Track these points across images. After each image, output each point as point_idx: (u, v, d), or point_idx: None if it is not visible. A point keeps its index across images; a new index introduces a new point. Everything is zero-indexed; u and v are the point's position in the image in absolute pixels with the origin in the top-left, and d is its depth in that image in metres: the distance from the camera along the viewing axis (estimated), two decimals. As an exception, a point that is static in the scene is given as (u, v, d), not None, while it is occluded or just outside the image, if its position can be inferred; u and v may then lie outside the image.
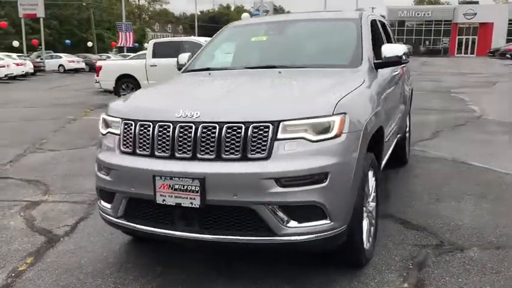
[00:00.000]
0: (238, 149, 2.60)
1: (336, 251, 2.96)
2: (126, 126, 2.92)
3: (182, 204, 2.65)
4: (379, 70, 3.77)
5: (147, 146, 2.79)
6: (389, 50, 3.70)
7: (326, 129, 2.63)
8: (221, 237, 2.67)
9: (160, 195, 2.69)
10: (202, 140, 2.65)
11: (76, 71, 35.50)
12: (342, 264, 3.10)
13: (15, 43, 40.07)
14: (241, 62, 4.09)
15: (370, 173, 3.14)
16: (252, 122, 2.60)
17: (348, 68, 3.51)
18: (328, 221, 2.64)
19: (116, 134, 2.98)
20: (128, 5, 68.77)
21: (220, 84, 3.43)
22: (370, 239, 3.23)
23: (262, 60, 4.01)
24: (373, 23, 4.42)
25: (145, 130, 2.81)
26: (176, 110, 2.74)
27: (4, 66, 24.63)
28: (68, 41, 52.30)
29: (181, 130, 2.70)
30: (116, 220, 2.99)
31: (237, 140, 2.60)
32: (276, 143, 2.57)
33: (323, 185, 2.58)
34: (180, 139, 2.70)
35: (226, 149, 2.61)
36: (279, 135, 2.58)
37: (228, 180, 2.57)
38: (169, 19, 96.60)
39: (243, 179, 2.55)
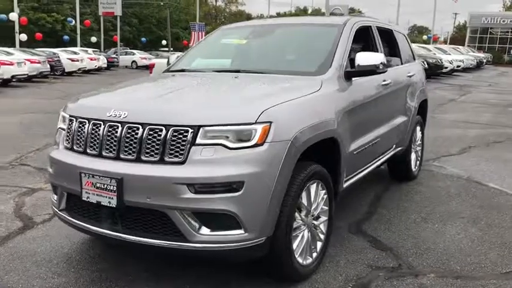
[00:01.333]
0: (157, 151, 2.60)
1: (265, 263, 2.88)
2: (69, 123, 3.02)
3: (102, 203, 2.70)
4: (354, 79, 3.60)
5: (82, 143, 2.88)
6: (364, 58, 3.52)
7: (246, 137, 2.57)
8: (139, 239, 2.68)
9: (85, 192, 2.75)
10: (126, 140, 2.69)
11: (147, 67, 37.06)
12: (275, 277, 3.00)
13: (93, 39, 42.59)
14: (214, 64, 4.08)
15: (314, 186, 3.01)
16: (173, 126, 2.59)
17: (312, 75, 3.38)
18: (242, 232, 2.57)
19: (63, 130, 3.09)
20: (205, 6, 70.82)
21: (168, 86, 3.43)
22: (314, 254, 3.10)
23: (232, 64, 3.98)
24: (364, 31, 4.23)
25: (81, 127, 2.90)
26: (108, 109, 2.79)
27: (78, 61, 26.23)
28: (143, 39, 54.74)
29: (109, 129, 2.75)
30: (59, 213, 3.10)
31: (157, 142, 2.61)
32: (193, 148, 2.55)
33: (237, 194, 2.52)
34: (108, 138, 2.75)
35: (147, 150, 2.63)
36: (198, 141, 2.55)
37: (142, 183, 2.58)
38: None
39: (156, 182, 2.55)
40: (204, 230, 2.58)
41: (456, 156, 6.76)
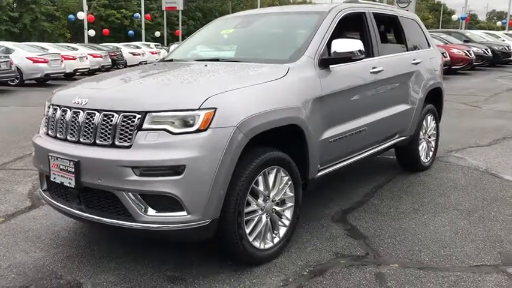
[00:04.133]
0: (109, 136, 2.77)
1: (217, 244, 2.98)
2: (48, 109, 3.27)
3: (64, 183, 2.92)
4: (333, 66, 3.58)
5: (53, 128, 3.12)
6: (340, 45, 3.49)
7: (190, 123, 2.67)
8: (98, 218, 2.88)
9: (53, 173, 2.99)
10: (85, 125, 2.88)
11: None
12: (230, 259, 3.09)
13: (157, 33, 44.16)
14: (198, 54, 4.19)
15: (273, 172, 3.06)
16: (122, 111, 2.75)
17: (282, 63, 3.40)
18: (185, 213, 2.69)
19: (45, 116, 3.35)
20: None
21: (136, 75, 3.58)
22: (276, 239, 3.16)
23: (213, 53, 4.07)
24: (355, 18, 4.16)
25: (54, 113, 3.14)
26: (74, 97, 3.01)
27: (139, 55, 27.36)
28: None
29: (74, 115, 2.96)
30: (42, 193, 3.37)
31: (109, 127, 2.78)
32: (139, 133, 2.69)
33: (178, 177, 2.63)
34: (72, 123, 2.96)
35: (101, 135, 2.81)
36: (145, 126, 2.70)
37: (95, 165, 2.77)
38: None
39: (105, 164, 2.73)
40: (150, 211, 2.72)
41: (484, 148, 6.42)
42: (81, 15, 31.70)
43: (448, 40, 19.88)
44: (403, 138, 4.79)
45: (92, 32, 32.27)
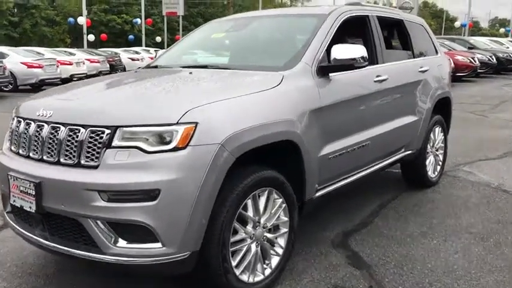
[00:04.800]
0: (74, 154, 2.41)
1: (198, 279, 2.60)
2: (12, 122, 2.91)
3: (24, 207, 2.55)
4: (333, 75, 3.21)
5: (16, 143, 2.75)
6: (340, 51, 3.12)
7: (166, 139, 2.31)
8: (61, 248, 2.50)
9: (13, 195, 2.62)
10: (49, 141, 2.51)
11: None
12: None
13: (158, 39, 43.91)
14: (186, 59, 3.82)
15: (264, 194, 2.69)
16: (90, 126, 2.39)
17: (276, 70, 3.04)
18: (160, 245, 2.31)
19: (9, 129, 2.98)
20: (268, 3, 70.85)
21: (116, 83, 3.21)
22: (267, 270, 2.78)
23: (202, 59, 3.71)
24: (358, 21, 3.81)
25: (18, 126, 2.77)
26: (38, 108, 2.64)
27: (138, 60, 27.09)
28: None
29: (37, 129, 2.60)
30: (6, 215, 2.99)
31: (75, 143, 2.41)
32: (108, 151, 2.33)
33: (152, 203, 2.26)
34: (35, 138, 2.60)
35: (66, 153, 2.44)
36: (114, 143, 2.33)
37: (57, 188, 2.41)
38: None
39: (68, 187, 2.36)
40: (121, 242, 2.35)
41: (494, 161, 6.04)
42: (81, 20, 31.45)
43: (452, 47, 19.53)
44: (410, 152, 4.41)
45: (91, 37, 32.01)
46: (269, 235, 2.79)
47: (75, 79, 19.09)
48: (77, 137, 2.40)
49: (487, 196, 4.60)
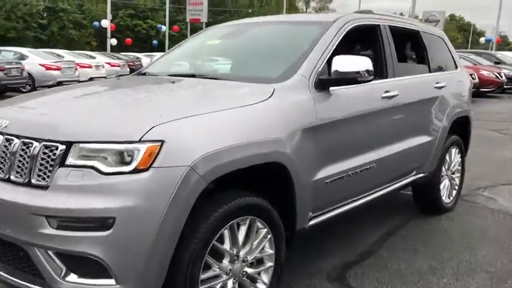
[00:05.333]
0: (26, 171, 2.11)
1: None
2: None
3: (-32, 230, 2.26)
4: (334, 89, 2.87)
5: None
6: (343, 63, 2.78)
7: (126, 159, 2.00)
8: (5, 276, 2.21)
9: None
10: (2, 154, 2.23)
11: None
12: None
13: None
14: (176, 67, 3.51)
15: (245, 223, 2.36)
16: (43, 140, 2.10)
17: (270, 82, 2.71)
18: (113, 282, 2.00)
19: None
20: (294, 12, 70.67)
21: (85, 92, 2.90)
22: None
23: (191, 67, 3.40)
24: (367, 31, 3.46)
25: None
26: None
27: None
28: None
29: (-9, 141, 2.32)
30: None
31: (27, 159, 2.12)
32: (60, 170, 2.03)
33: (105, 233, 1.95)
34: (-12, 152, 2.31)
35: (17, 169, 2.15)
36: (68, 161, 2.03)
37: (3, 210, 2.11)
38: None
39: (14, 210, 2.07)
40: (71, 277, 2.04)
41: (518, 186, 5.57)
42: (105, 23, 31.71)
43: (477, 61, 18.85)
44: (422, 175, 4.02)
45: (113, 41, 32.21)
46: (250, 270, 2.45)
47: (94, 82, 19.16)
48: (29, 151, 2.11)
49: (510, 227, 4.16)
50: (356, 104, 3.06)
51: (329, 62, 2.89)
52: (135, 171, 1.98)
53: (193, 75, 3.05)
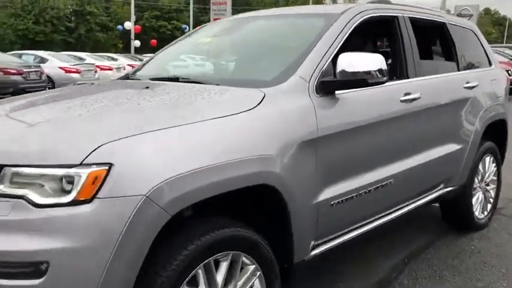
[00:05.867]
0: (-50, 200, 1.72)
1: None
2: None
3: None
4: (340, 93, 2.40)
5: None
6: (349, 62, 2.31)
7: (65, 188, 1.59)
8: None
9: None
10: None
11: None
12: None
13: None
14: (161, 68, 3.07)
15: (225, 260, 1.92)
16: (-28, 163, 1.70)
17: (262, 86, 2.25)
18: None
19: None
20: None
21: (37, 102, 2.47)
22: None
23: (175, 69, 2.96)
24: (383, 24, 2.98)
25: None
26: None
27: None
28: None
29: None
30: None
31: (-47, 186, 1.73)
32: (-12, 200, 1.63)
33: (35, 282, 1.55)
34: None
35: None
36: (-2, 188, 1.63)
37: None
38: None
39: None
40: (0, 331, 1.65)
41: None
42: (128, 25, 31.79)
43: (514, 56, 17.89)
44: (451, 188, 3.49)
45: (137, 43, 32.24)
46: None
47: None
48: (-44, 176, 1.73)
49: (553, 248, 3.60)
50: (368, 110, 2.57)
51: (335, 61, 2.41)
52: (75, 202, 1.57)
53: (176, 79, 2.62)
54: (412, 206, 3.15)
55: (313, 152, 2.23)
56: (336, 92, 2.40)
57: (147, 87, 2.42)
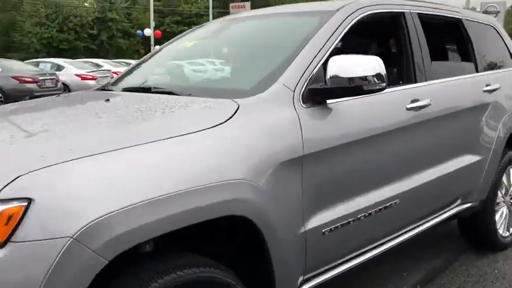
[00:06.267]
0: None
1: None
2: None
3: None
4: (332, 102, 2.07)
5: None
6: (341, 66, 1.98)
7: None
8: None
9: None
10: None
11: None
12: None
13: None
14: (133, 78, 2.75)
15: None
16: None
17: (236, 96, 1.94)
18: None
19: None
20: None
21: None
22: None
23: (150, 78, 2.65)
24: (388, 21, 2.63)
25: None
26: None
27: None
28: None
29: None
30: None
31: None
32: None
33: None
34: None
35: None
36: None
37: None
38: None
39: None
40: None
41: None
42: (148, 31, 31.95)
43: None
44: (469, 205, 3.11)
45: (158, 48, 32.44)
46: None
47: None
48: None
49: None
50: (367, 121, 2.23)
51: (326, 66, 2.08)
52: (-17, 248, 1.28)
53: (149, 89, 2.32)
54: (424, 226, 2.78)
55: (298, 172, 1.90)
56: (328, 101, 2.07)
57: (108, 100, 2.12)
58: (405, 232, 2.61)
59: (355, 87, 1.99)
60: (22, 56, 39.05)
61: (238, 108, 1.83)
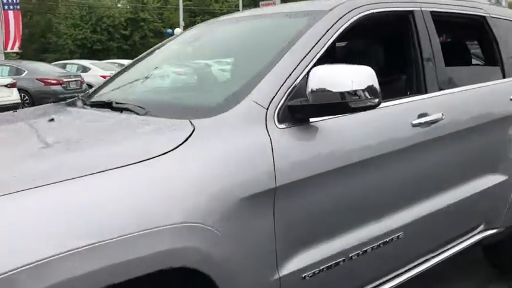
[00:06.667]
0: None
1: None
2: None
3: None
4: (318, 121, 1.74)
5: None
6: (326, 78, 1.64)
7: None
8: None
9: None
10: None
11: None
12: None
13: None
14: (109, 91, 2.44)
15: None
16: None
17: (193, 117, 1.62)
18: None
19: None
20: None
21: None
22: None
23: (118, 91, 2.34)
24: (389, 21, 2.26)
25: None
26: None
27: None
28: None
29: None
30: None
31: None
32: None
33: None
34: None
35: None
36: None
37: None
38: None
39: None
40: None
41: None
42: (178, 31, 32.11)
43: None
44: (494, 231, 2.69)
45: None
46: None
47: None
48: None
49: None
50: (361, 142, 1.88)
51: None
52: None
53: (109, 104, 2.02)
54: (439, 258, 2.39)
55: (269, 208, 1.58)
56: (311, 119, 1.73)
57: (52, 120, 1.84)
58: (417, 265, 2.24)
59: (340, 103, 1.64)
60: (57, 56, 39.95)
61: (193, 131, 1.52)
